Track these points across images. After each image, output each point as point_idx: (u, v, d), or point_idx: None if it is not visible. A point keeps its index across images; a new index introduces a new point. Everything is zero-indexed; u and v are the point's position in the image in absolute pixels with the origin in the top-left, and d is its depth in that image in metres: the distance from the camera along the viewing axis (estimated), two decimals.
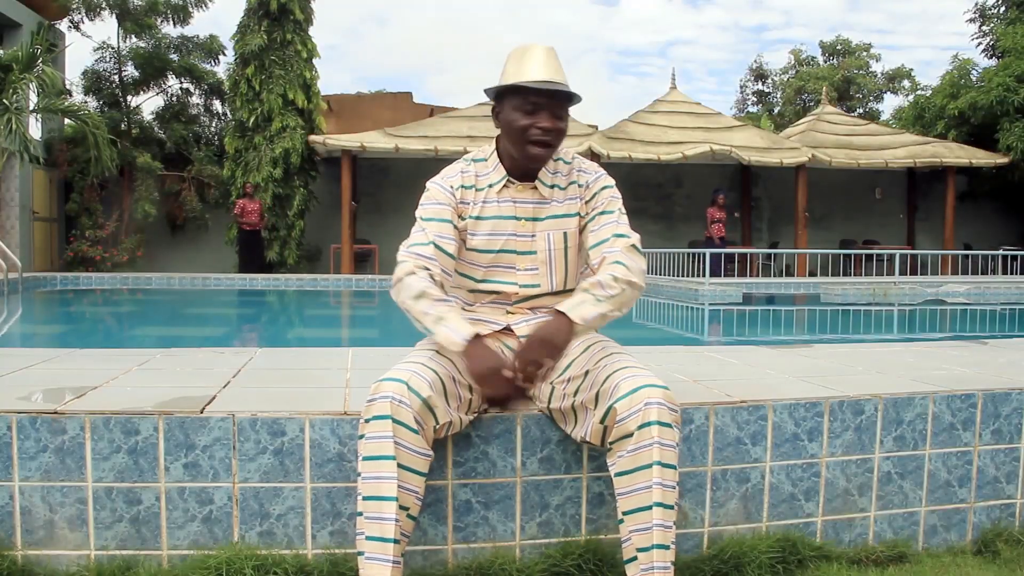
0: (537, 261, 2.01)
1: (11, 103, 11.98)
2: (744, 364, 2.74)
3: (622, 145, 14.37)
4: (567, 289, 2.05)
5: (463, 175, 2.03)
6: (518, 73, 1.90)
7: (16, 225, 13.83)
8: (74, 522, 1.86)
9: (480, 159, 2.06)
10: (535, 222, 2.00)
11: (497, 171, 2.01)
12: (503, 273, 2.02)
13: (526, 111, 1.90)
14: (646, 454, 1.68)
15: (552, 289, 2.03)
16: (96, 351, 2.99)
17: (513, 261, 2.01)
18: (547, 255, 2.00)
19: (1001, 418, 2.27)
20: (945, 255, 14.88)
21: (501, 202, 2.00)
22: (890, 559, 2.12)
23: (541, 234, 2.00)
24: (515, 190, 2.01)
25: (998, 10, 18.14)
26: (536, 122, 1.89)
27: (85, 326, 8.35)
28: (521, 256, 2.01)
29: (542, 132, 1.89)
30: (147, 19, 15.23)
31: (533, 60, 1.91)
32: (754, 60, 36.05)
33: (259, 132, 14.26)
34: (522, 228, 2.00)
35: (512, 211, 2.00)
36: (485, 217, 1.99)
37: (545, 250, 2.00)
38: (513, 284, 2.01)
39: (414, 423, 1.69)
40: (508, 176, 2.00)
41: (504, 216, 2.00)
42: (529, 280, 2.02)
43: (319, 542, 1.91)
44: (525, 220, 2.00)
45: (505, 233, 2.00)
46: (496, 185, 2.00)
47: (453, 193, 2.00)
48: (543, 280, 2.02)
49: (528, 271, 2.01)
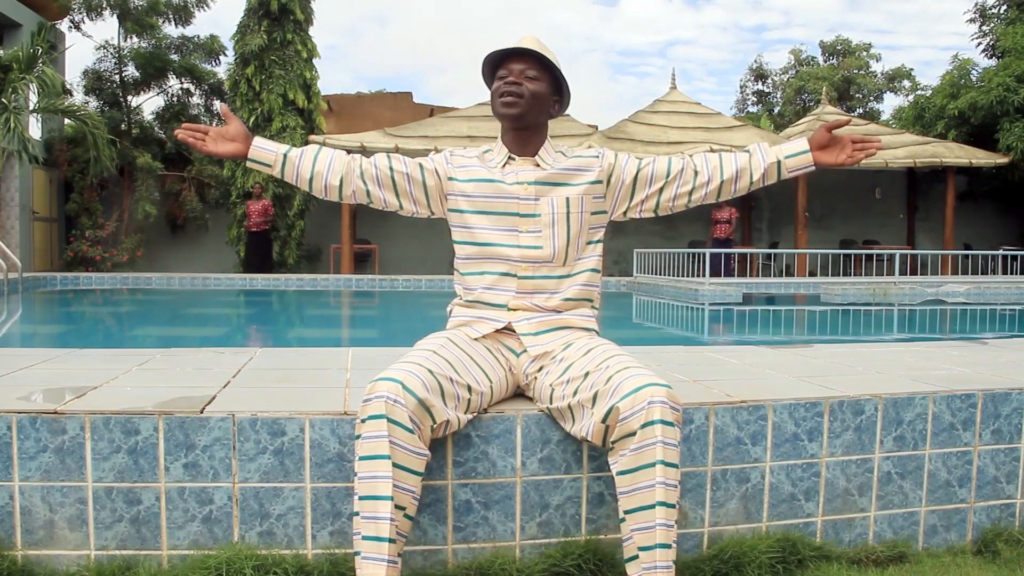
0: (540, 224, 2.06)
1: (11, 103, 11.98)
2: (744, 364, 2.73)
3: (622, 145, 14.37)
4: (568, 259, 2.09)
5: (467, 152, 2.17)
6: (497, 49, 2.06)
7: (16, 225, 13.84)
8: (74, 522, 1.86)
9: (487, 149, 2.17)
10: (537, 186, 2.07)
11: (500, 152, 2.12)
12: (507, 236, 2.06)
13: (498, 76, 2.07)
14: (649, 453, 1.68)
15: (554, 253, 2.06)
16: (96, 351, 2.98)
17: (516, 224, 2.06)
18: (551, 218, 2.06)
19: (1001, 418, 2.27)
20: (945, 255, 14.88)
21: (505, 173, 2.09)
22: (890, 559, 2.12)
23: (545, 199, 2.06)
24: (517, 164, 2.10)
25: (998, 10, 18.13)
26: (504, 81, 2.04)
27: (85, 326, 8.35)
28: (524, 219, 2.06)
29: (506, 85, 2.02)
30: (148, 19, 15.23)
31: (512, 41, 2.07)
32: (754, 60, 36.10)
33: (259, 132, 14.26)
34: (524, 191, 2.06)
35: (515, 179, 2.08)
36: (488, 179, 2.08)
37: (549, 213, 2.06)
38: (517, 247, 2.06)
39: (409, 422, 1.69)
40: (510, 153, 2.10)
41: (507, 182, 2.07)
42: (531, 242, 2.06)
43: (319, 542, 1.91)
44: (527, 184, 2.07)
45: (507, 196, 2.06)
46: (500, 163, 2.11)
47: (447, 158, 2.15)
48: (545, 243, 2.06)
49: (531, 233, 2.06)
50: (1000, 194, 17.01)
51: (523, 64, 2.04)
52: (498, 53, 2.06)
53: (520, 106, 2.03)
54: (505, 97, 2.03)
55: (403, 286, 12.74)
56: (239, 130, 2.09)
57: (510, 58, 2.06)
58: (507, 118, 2.05)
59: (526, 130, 2.08)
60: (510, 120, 2.06)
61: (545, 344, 2.02)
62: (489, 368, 1.97)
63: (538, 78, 2.05)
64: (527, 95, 2.02)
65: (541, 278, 2.06)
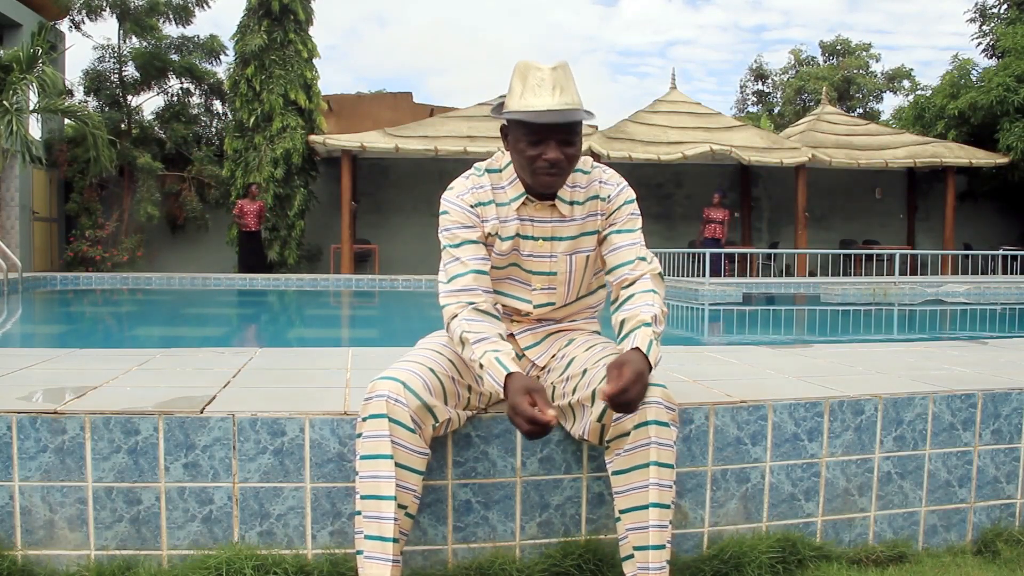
0: (556, 281, 1.97)
1: (11, 103, 11.98)
2: (744, 364, 2.73)
3: (622, 145, 14.37)
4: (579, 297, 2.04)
5: (477, 191, 1.92)
6: (523, 100, 1.79)
7: (16, 225, 13.83)
8: (74, 522, 1.86)
9: (495, 170, 1.96)
10: (553, 242, 1.94)
11: (514, 187, 1.92)
12: (518, 288, 1.99)
13: (532, 142, 1.80)
14: (642, 453, 1.68)
15: (565, 302, 2.02)
16: (96, 351, 2.98)
17: (529, 279, 1.97)
18: (567, 276, 1.97)
19: (1001, 418, 2.27)
20: (945, 255, 14.87)
21: (521, 220, 1.92)
22: (890, 559, 2.12)
23: (563, 256, 1.94)
24: (534, 208, 1.92)
25: (998, 10, 18.13)
26: (543, 153, 1.80)
27: (85, 326, 8.35)
28: (536, 276, 1.96)
29: (549, 164, 1.80)
30: (148, 19, 15.22)
31: (538, 87, 1.78)
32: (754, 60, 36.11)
33: (259, 132, 14.26)
34: (539, 248, 1.94)
35: (531, 230, 1.93)
36: (505, 237, 1.92)
37: (565, 271, 1.96)
38: (527, 302, 1.99)
39: (410, 422, 1.69)
40: (526, 195, 1.91)
41: (524, 236, 1.93)
42: (544, 299, 1.99)
43: (319, 542, 1.91)
44: (543, 240, 1.93)
45: (521, 252, 1.95)
46: (515, 202, 1.91)
47: (473, 212, 1.91)
48: (559, 299, 2.00)
49: (543, 290, 1.98)
50: (1000, 194, 17.00)
51: (562, 133, 1.79)
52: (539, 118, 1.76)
53: (564, 179, 1.86)
54: (547, 177, 1.82)
55: (403, 286, 12.74)
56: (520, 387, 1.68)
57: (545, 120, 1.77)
58: (546, 188, 1.85)
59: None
60: (549, 189, 1.86)
61: (547, 349, 2.02)
62: None
63: (577, 139, 1.83)
64: (568, 167, 1.84)
65: (547, 308, 2.02)
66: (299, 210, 14.39)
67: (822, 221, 16.82)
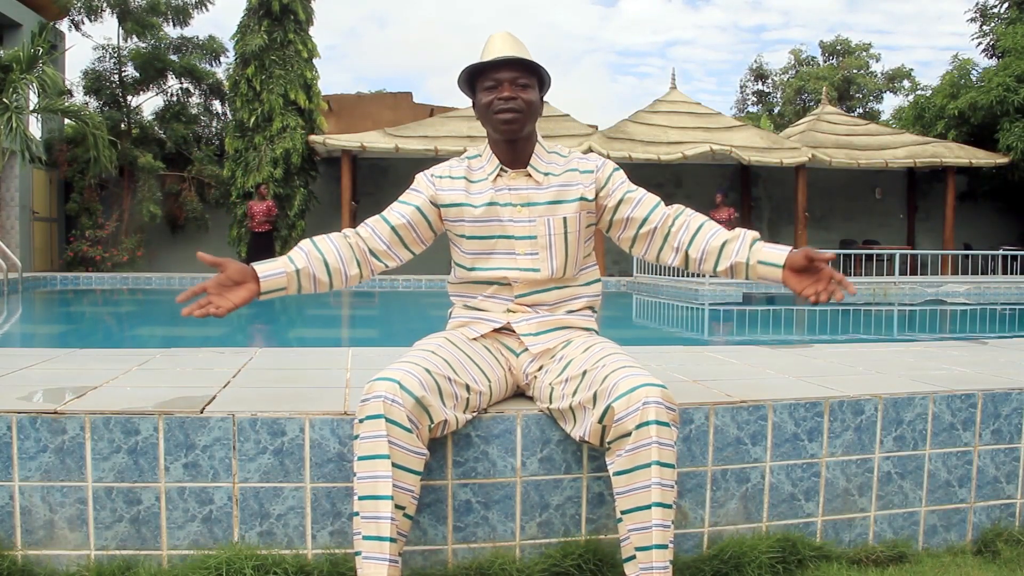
0: (537, 246, 2.02)
1: (12, 103, 11.98)
2: (744, 364, 2.73)
3: (622, 145, 14.37)
4: (566, 275, 2.06)
5: (452, 168, 2.09)
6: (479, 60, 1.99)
7: (16, 225, 13.84)
8: (74, 522, 1.86)
9: (475, 155, 2.11)
10: (530, 207, 2.02)
11: (490, 162, 2.06)
12: (503, 259, 2.04)
13: (488, 87, 1.97)
14: (644, 453, 1.68)
15: (552, 273, 2.04)
16: (96, 351, 2.98)
17: (512, 246, 2.03)
18: (547, 239, 2.02)
19: (1001, 418, 2.27)
20: (945, 255, 14.88)
21: (497, 190, 2.03)
22: (890, 559, 2.12)
23: (540, 219, 2.01)
24: (509, 178, 2.04)
25: (998, 10, 18.13)
26: (498, 95, 1.95)
27: (85, 326, 8.35)
28: (520, 241, 2.02)
29: (504, 101, 1.94)
30: (149, 19, 15.22)
31: (491, 45, 1.99)
32: (754, 60, 36.11)
33: (259, 132, 14.26)
34: (518, 213, 2.02)
35: (508, 198, 2.02)
36: (479, 204, 2.02)
37: (545, 235, 2.02)
38: (514, 269, 2.03)
39: (407, 422, 1.69)
40: (501, 165, 2.04)
41: (500, 203, 2.02)
42: (529, 264, 2.03)
43: (319, 542, 1.91)
44: (520, 206, 2.02)
45: (501, 219, 2.02)
46: (491, 175, 2.04)
47: (432, 182, 2.08)
48: (543, 265, 2.03)
49: (528, 255, 2.03)
50: (1000, 194, 17.00)
51: (512, 72, 1.95)
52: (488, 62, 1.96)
53: (521, 121, 1.96)
54: (504, 114, 1.95)
55: (403, 286, 12.74)
56: (236, 267, 1.86)
57: (496, 66, 1.96)
58: (508, 134, 1.98)
59: (520, 140, 2.02)
60: (510, 134, 1.98)
61: (546, 342, 2.02)
62: (488, 367, 1.97)
63: (529, 84, 1.97)
64: (524, 108, 1.96)
65: (541, 292, 2.06)
66: (299, 210, 14.39)
67: (822, 221, 16.83)
